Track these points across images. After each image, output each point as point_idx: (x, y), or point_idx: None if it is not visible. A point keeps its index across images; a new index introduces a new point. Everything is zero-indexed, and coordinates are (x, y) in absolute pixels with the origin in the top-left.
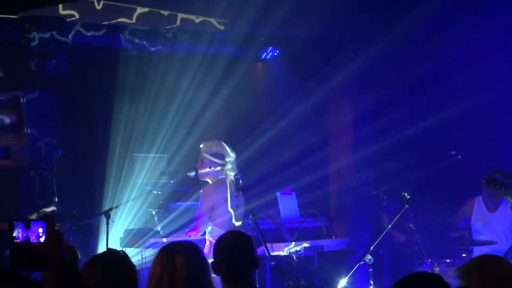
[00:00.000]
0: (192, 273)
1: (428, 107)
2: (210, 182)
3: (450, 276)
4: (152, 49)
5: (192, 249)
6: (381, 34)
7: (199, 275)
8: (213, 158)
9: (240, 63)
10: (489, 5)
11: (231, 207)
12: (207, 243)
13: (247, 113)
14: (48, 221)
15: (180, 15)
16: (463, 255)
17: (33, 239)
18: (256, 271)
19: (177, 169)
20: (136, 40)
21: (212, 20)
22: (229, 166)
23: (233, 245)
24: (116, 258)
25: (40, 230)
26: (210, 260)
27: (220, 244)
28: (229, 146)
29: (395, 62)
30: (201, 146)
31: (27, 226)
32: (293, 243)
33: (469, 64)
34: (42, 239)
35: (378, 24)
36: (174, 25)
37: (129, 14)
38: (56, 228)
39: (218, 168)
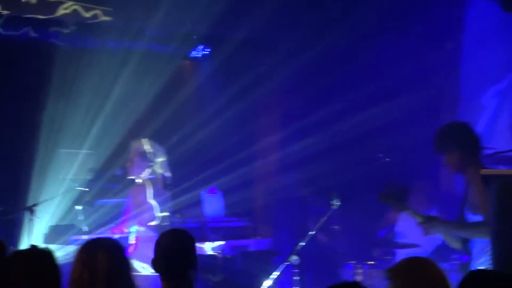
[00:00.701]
0: (112, 270)
1: (357, 109)
2: (140, 181)
3: (374, 277)
4: (80, 44)
5: (114, 246)
6: (312, 36)
7: (120, 271)
8: (142, 157)
9: (170, 61)
10: (419, 12)
11: (158, 206)
12: (133, 242)
13: (176, 111)
14: None
15: (103, 17)
16: (386, 257)
17: None
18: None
19: (105, 166)
20: (63, 36)
21: (137, 16)
22: (158, 165)
23: (172, 244)
24: (40, 254)
25: None
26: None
27: (160, 242)
28: (159, 145)
29: (325, 64)
30: (130, 145)
31: None
32: (217, 242)
33: (399, 67)
34: None
35: (309, 27)
36: (97, 20)
37: (53, 9)
38: None
39: (147, 167)
